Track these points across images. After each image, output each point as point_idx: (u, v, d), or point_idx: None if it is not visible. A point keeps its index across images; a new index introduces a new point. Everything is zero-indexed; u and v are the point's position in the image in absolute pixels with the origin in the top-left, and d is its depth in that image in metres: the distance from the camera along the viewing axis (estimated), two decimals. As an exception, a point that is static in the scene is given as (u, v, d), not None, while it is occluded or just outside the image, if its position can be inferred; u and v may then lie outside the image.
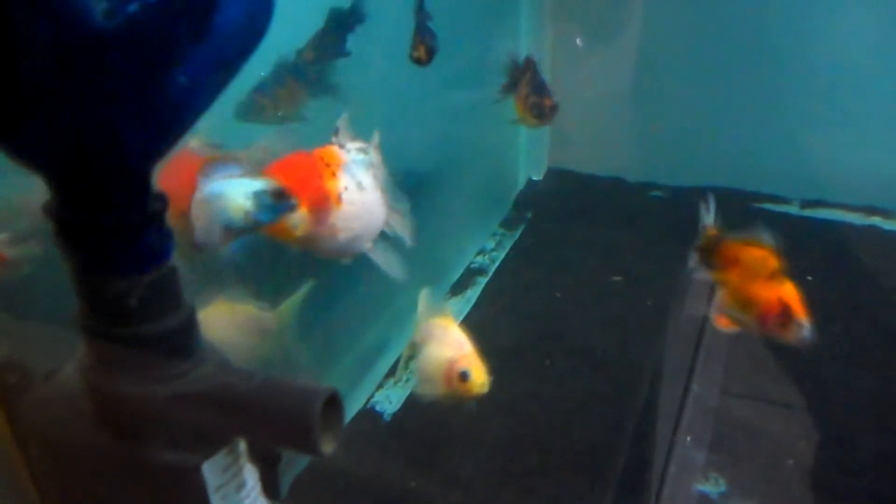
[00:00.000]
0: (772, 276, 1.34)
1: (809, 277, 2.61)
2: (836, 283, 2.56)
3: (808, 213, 3.03)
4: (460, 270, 2.67)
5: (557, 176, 3.43)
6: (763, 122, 3.07)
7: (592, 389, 2.09)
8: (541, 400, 2.04)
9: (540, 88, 2.04)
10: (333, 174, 1.07)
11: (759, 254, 1.38)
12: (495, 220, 3.05)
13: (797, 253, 2.74)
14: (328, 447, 0.81)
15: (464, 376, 1.31)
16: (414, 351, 1.47)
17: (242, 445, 0.89)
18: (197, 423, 0.82)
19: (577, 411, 2.01)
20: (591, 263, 2.73)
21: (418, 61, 1.70)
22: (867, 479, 1.76)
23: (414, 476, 1.74)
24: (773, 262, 1.35)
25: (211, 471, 0.86)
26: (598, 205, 3.19)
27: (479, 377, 1.32)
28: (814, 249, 2.79)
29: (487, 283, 2.61)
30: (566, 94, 3.31)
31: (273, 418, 0.81)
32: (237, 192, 1.03)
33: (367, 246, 1.18)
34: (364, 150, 1.16)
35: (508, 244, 2.88)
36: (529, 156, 3.42)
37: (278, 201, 1.04)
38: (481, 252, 2.82)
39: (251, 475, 0.91)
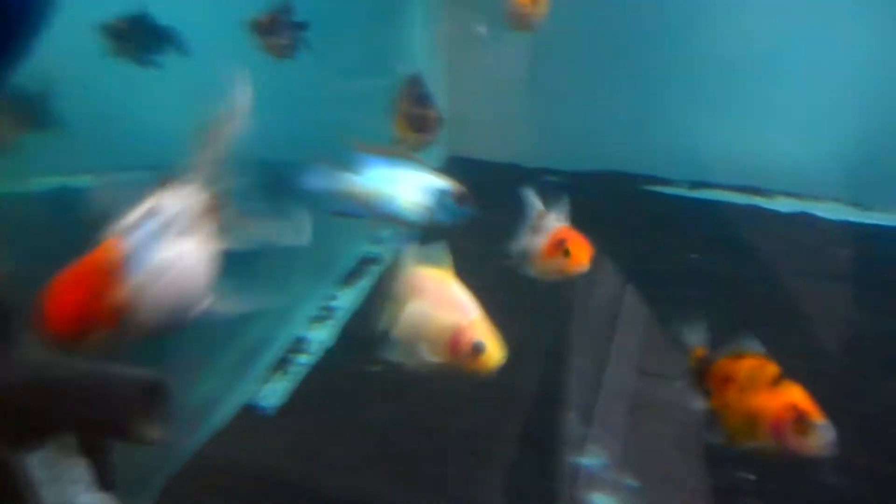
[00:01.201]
0: (774, 383, 1.26)
1: (695, 255, 2.81)
2: (719, 260, 2.74)
3: (696, 194, 3.23)
4: (354, 261, 2.70)
5: (457, 164, 3.50)
6: (652, 108, 3.24)
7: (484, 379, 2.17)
8: (429, 385, 2.10)
9: (422, 99, 1.97)
10: (111, 282, 0.93)
11: (754, 363, 1.31)
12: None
13: (685, 232, 2.99)
14: (155, 434, 0.84)
15: (477, 348, 1.16)
16: (393, 306, 1.28)
17: (73, 439, 0.90)
18: (16, 414, 0.82)
19: (464, 395, 2.08)
20: (484, 248, 2.81)
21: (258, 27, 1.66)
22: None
23: (296, 468, 1.76)
24: (771, 368, 1.28)
25: (37, 465, 0.86)
26: (495, 191, 3.27)
27: (496, 351, 1.16)
28: (700, 229, 2.99)
29: (382, 273, 2.65)
30: (463, 82, 3.46)
31: (94, 407, 0.82)
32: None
33: (193, 312, 1.07)
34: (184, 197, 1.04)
35: (404, 232, 2.93)
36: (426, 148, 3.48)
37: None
38: (375, 241, 2.85)
39: (85, 469, 0.91)
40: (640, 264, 2.71)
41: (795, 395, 1.23)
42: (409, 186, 1.55)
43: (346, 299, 2.47)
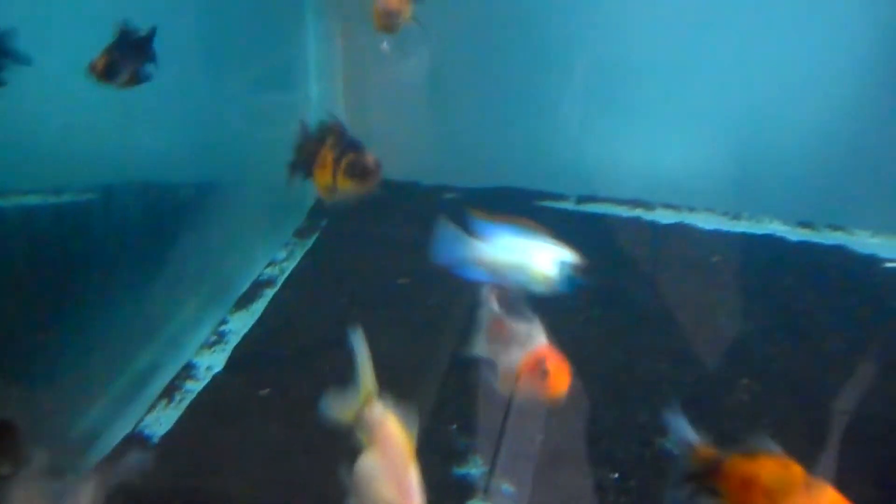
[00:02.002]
0: (808, 486, 1.22)
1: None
2: (601, 271, 2.95)
3: (583, 207, 3.46)
4: (247, 284, 2.76)
5: (356, 182, 3.62)
6: (544, 125, 3.44)
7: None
8: (314, 407, 2.19)
9: (355, 145, 1.85)
10: None
11: (778, 465, 1.26)
12: (288, 230, 3.17)
13: (573, 246, 3.20)
14: (4, 470, 0.91)
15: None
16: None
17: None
18: None
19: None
20: (381, 267, 2.93)
21: (94, 72, 1.65)
22: (603, 444, 2.10)
23: (179, 496, 1.82)
24: (797, 470, 1.24)
25: None
26: (393, 209, 3.41)
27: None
28: (587, 241, 3.19)
29: (275, 295, 2.72)
30: (361, 100, 3.58)
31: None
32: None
33: None
34: None
35: (300, 253, 3.01)
36: (326, 163, 3.57)
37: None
38: (271, 263, 2.92)
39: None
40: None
41: (832, 499, 1.20)
42: (539, 257, 1.66)
43: (238, 323, 2.53)
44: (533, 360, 1.47)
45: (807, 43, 3.05)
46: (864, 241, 3.17)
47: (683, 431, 1.44)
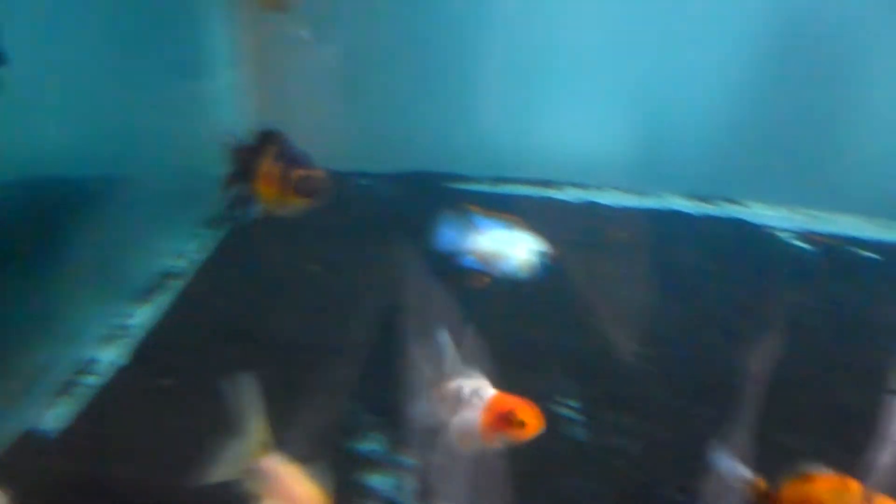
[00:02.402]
0: (868, 500, 1.27)
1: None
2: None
3: (496, 189, 3.55)
4: (154, 276, 2.75)
5: (270, 170, 3.62)
6: (455, 109, 3.52)
7: (278, 377, 2.32)
8: (218, 395, 2.21)
9: (301, 159, 1.85)
10: None
11: (839, 482, 1.31)
12: (200, 221, 3.16)
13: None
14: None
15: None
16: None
17: None
18: None
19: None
20: (292, 255, 2.96)
21: None
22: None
23: (76, 488, 1.83)
24: (856, 486, 1.29)
25: None
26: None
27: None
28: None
29: (183, 286, 2.72)
30: (272, 88, 3.58)
31: None
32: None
33: None
34: None
35: (211, 244, 3.01)
36: (238, 152, 3.57)
37: None
38: (180, 255, 2.92)
39: None
40: (437, 258, 2.97)
41: None
42: (522, 248, 1.97)
43: (143, 316, 2.53)
44: (499, 414, 1.50)
45: (703, 29, 3.21)
46: (758, 213, 3.36)
47: (734, 469, 1.51)
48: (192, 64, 3.25)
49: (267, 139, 1.87)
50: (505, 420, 1.48)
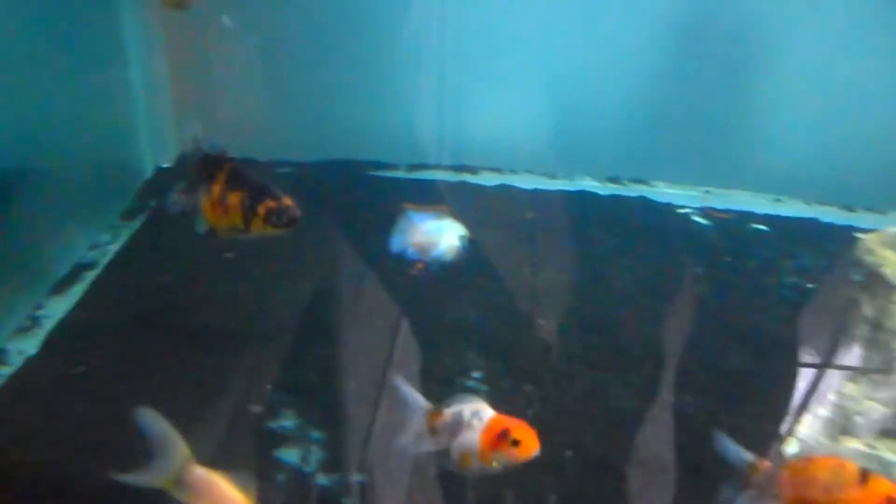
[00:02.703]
0: (863, 479, 1.34)
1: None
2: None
3: (413, 175, 3.65)
4: (66, 268, 2.76)
5: (189, 161, 3.63)
6: (373, 97, 3.60)
7: (190, 363, 2.38)
8: (130, 380, 2.27)
9: (264, 190, 1.81)
10: None
11: (837, 464, 1.38)
12: (114, 213, 3.17)
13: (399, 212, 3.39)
14: None
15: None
16: None
17: None
18: None
19: (163, 384, 2.27)
20: (208, 244, 3.00)
21: None
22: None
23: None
24: (853, 467, 1.36)
25: None
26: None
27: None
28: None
29: (96, 277, 2.74)
30: (190, 78, 3.59)
31: None
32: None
33: None
34: None
35: (126, 235, 3.03)
36: (155, 144, 3.57)
37: None
38: (94, 246, 2.93)
39: None
40: (355, 243, 3.06)
41: (886, 489, 1.32)
42: (450, 235, 2.29)
43: (55, 308, 2.55)
44: (497, 435, 1.55)
45: (613, 16, 3.36)
46: (662, 192, 3.56)
47: (736, 452, 1.56)
48: (107, 54, 3.25)
49: (215, 163, 1.86)
50: (502, 440, 1.54)
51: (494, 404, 2.20)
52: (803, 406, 2.04)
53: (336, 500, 1.94)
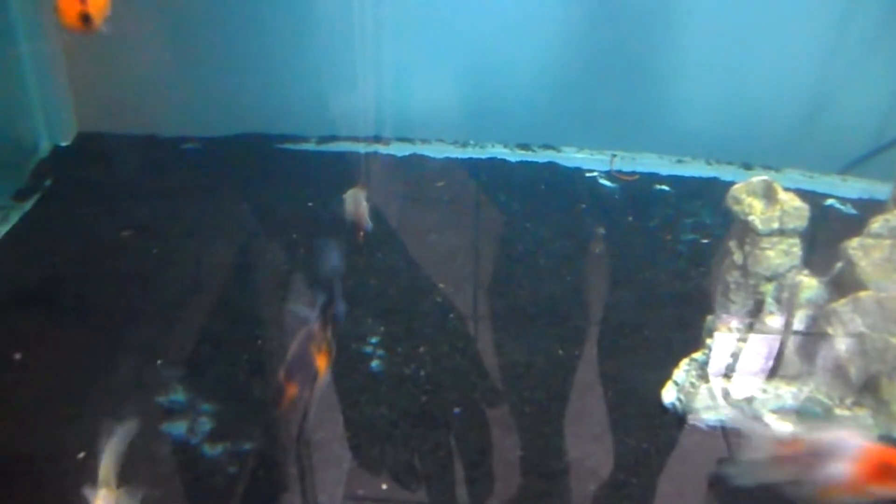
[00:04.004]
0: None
1: (311, 203, 3.19)
2: (332, 205, 3.13)
3: (324, 147, 3.62)
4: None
5: (88, 139, 3.53)
6: (280, 69, 3.54)
7: (79, 341, 2.33)
8: (13, 361, 2.22)
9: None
10: None
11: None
12: (6, 193, 3.07)
13: (314, 184, 3.37)
14: None
15: None
16: None
17: None
18: None
19: (50, 364, 2.23)
20: (106, 223, 2.94)
21: None
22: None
23: None
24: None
25: None
26: (128, 163, 3.39)
27: None
28: (327, 179, 3.38)
29: (-18, 260, 2.66)
30: (86, 55, 3.48)
31: None
32: None
33: None
34: None
35: (16, 217, 2.94)
36: (51, 122, 3.45)
37: None
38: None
39: None
40: (257, 218, 3.04)
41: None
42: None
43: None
44: (878, 466, 1.40)
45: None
46: (570, 157, 3.60)
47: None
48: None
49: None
50: (885, 472, 1.40)
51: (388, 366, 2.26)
52: (682, 353, 2.13)
53: (223, 470, 1.94)
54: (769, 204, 1.93)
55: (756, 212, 1.92)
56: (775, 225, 1.91)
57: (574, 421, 2.03)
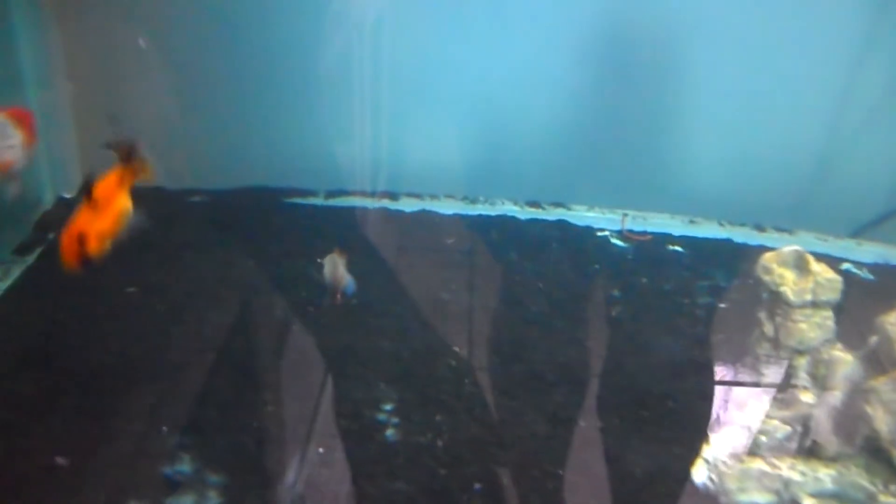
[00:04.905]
0: None
1: (320, 260, 3.13)
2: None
3: (331, 202, 3.59)
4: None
5: (94, 191, 3.48)
6: (289, 124, 3.52)
7: (79, 404, 2.24)
8: (13, 427, 2.12)
9: None
10: None
11: None
12: (6, 248, 3.00)
13: (321, 238, 3.32)
14: None
15: None
16: None
17: None
18: None
19: (51, 431, 2.13)
20: (110, 278, 2.86)
21: None
22: (317, 423, 2.23)
23: None
24: None
25: None
26: (134, 216, 3.33)
27: None
28: (335, 232, 3.33)
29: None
30: (94, 107, 3.45)
31: None
32: None
33: None
34: None
35: (18, 271, 2.86)
36: (56, 174, 3.41)
37: None
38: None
39: None
40: (266, 273, 2.97)
41: None
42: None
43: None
44: None
45: (531, 40, 3.39)
46: (581, 215, 3.58)
47: None
48: (4, 79, 3.09)
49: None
50: None
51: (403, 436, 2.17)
52: (711, 428, 2.05)
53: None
54: (801, 275, 1.88)
55: (788, 283, 1.88)
56: (808, 297, 1.86)
57: (602, 500, 1.94)
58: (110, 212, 1.87)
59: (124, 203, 1.93)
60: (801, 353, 1.90)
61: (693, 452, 2.02)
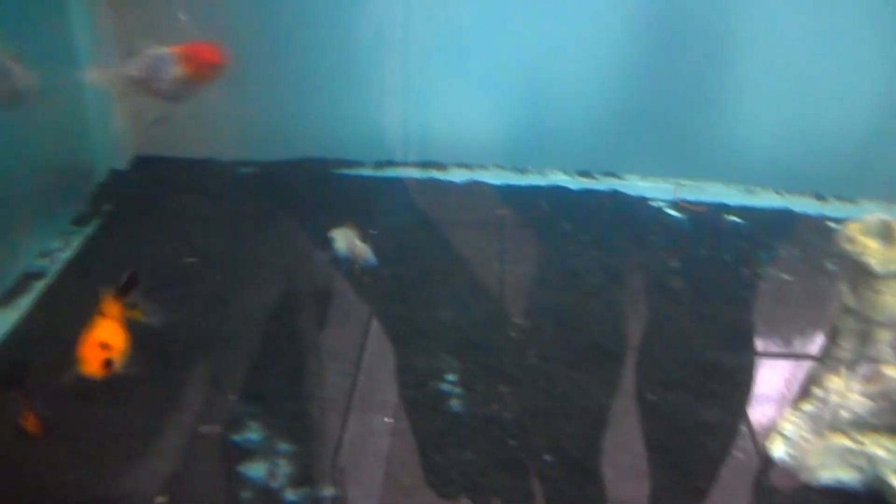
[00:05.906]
0: None
1: (374, 231, 3.10)
2: (395, 232, 3.05)
3: (380, 173, 3.55)
4: (12, 278, 2.61)
5: (147, 163, 3.48)
6: (337, 95, 3.47)
7: (148, 373, 2.25)
8: (82, 397, 2.14)
9: None
10: None
11: None
12: (65, 218, 3.01)
13: (372, 209, 3.29)
14: None
15: None
16: None
17: None
18: None
19: (119, 400, 2.15)
20: (167, 249, 2.87)
21: None
22: (379, 393, 2.22)
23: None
24: None
25: None
26: (187, 188, 3.33)
27: None
28: (384, 204, 3.30)
29: (46, 288, 2.59)
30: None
31: None
32: None
33: None
34: None
35: (77, 242, 2.88)
36: (108, 145, 3.41)
37: None
38: (42, 254, 2.77)
39: None
40: (320, 244, 2.95)
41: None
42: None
43: (2, 320, 2.40)
44: None
45: (585, 7, 3.29)
46: (634, 185, 3.49)
47: None
48: (54, 50, 3.08)
49: None
50: None
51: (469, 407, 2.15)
52: (786, 402, 1.99)
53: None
54: (887, 245, 1.80)
55: (873, 253, 1.80)
56: (894, 267, 1.78)
57: (678, 473, 1.90)
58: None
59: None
60: (886, 326, 1.82)
61: (768, 427, 1.97)
